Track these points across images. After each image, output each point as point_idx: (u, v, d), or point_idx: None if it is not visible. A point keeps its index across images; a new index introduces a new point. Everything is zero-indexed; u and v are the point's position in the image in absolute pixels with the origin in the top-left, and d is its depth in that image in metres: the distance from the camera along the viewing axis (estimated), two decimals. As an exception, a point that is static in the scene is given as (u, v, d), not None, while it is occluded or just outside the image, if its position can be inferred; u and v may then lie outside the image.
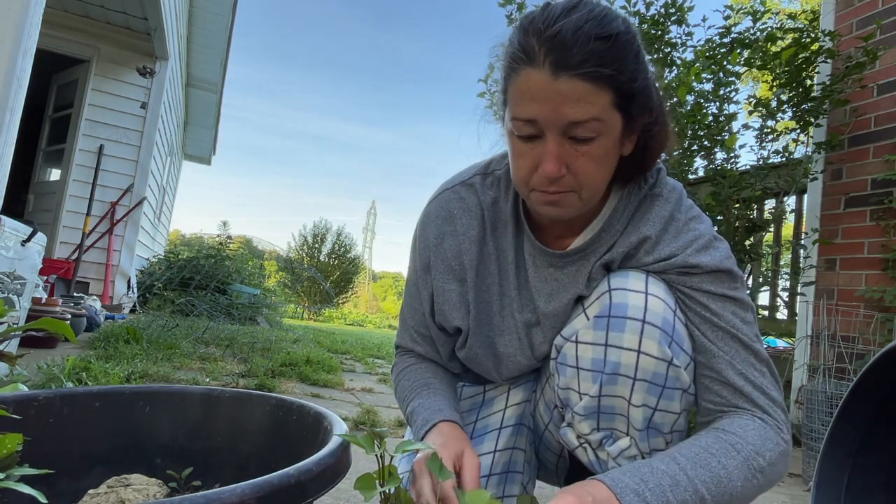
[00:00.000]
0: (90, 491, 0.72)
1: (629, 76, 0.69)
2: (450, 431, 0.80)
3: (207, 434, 0.90)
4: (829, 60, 2.88)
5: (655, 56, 3.05)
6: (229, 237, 8.52)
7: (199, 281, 6.31)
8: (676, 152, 2.89)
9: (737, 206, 2.81)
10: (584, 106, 0.67)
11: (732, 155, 2.87)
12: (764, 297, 3.33)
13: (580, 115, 0.68)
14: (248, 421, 0.90)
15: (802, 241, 2.95)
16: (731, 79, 2.81)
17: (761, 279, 3.10)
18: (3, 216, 1.99)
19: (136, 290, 5.92)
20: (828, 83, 2.82)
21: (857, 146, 2.83)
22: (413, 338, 0.99)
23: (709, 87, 2.87)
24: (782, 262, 3.67)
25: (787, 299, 3.26)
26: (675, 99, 2.74)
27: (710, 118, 2.85)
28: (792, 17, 2.89)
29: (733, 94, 2.84)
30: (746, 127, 2.90)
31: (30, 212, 5.81)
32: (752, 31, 2.87)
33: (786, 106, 2.86)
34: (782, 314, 3.32)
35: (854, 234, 2.78)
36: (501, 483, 0.93)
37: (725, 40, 2.92)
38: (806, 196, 3.11)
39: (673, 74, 3.01)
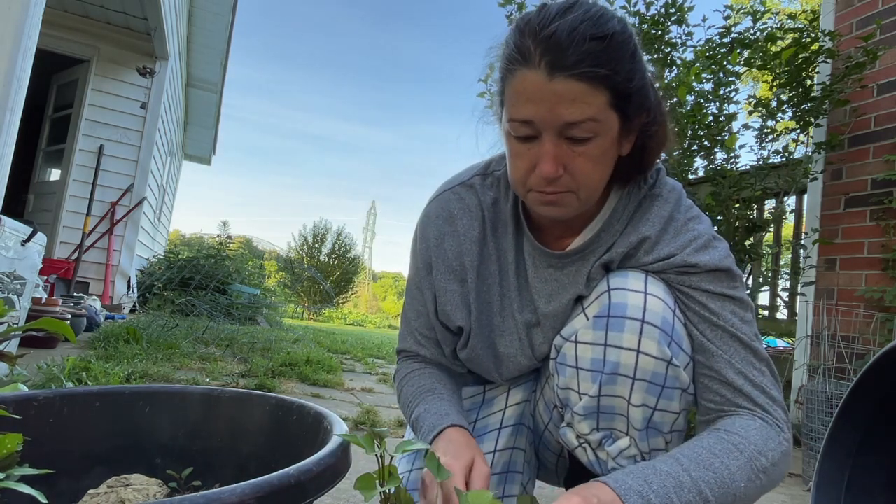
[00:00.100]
0: (90, 491, 0.73)
1: (625, 76, 0.69)
2: (458, 438, 0.78)
3: (207, 434, 0.90)
4: (829, 60, 2.88)
5: (655, 56, 3.05)
6: (229, 237, 8.52)
7: (199, 281, 6.31)
8: (676, 152, 2.89)
9: (737, 206, 2.81)
10: (579, 106, 0.67)
11: (732, 155, 2.87)
12: (764, 297, 3.33)
13: (576, 116, 0.68)
14: (248, 421, 0.90)
15: (802, 241, 2.95)
16: (731, 79, 2.81)
17: (761, 279, 3.09)
18: (3, 216, 1.99)
19: (136, 290, 5.92)
20: (828, 83, 2.82)
21: (857, 146, 2.83)
22: (417, 340, 0.97)
23: (709, 87, 2.87)
24: (782, 262, 3.67)
25: (787, 299, 3.26)
26: (675, 99, 2.74)
27: (710, 118, 2.85)
28: (792, 17, 2.89)
29: (733, 94, 2.84)
30: (746, 127, 2.90)
31: (30, 212, 5.81)
32: (752, 31, 2.87)
33: (786, 106, 2.85)
34: (782, 314, 3.32)
35: (854, 234, 2.78)
36: (501, 483, 0.93)
37: (725, 40, 2.92)
38: (806, 196, 3.11)
39: (673, 74, 3.01)
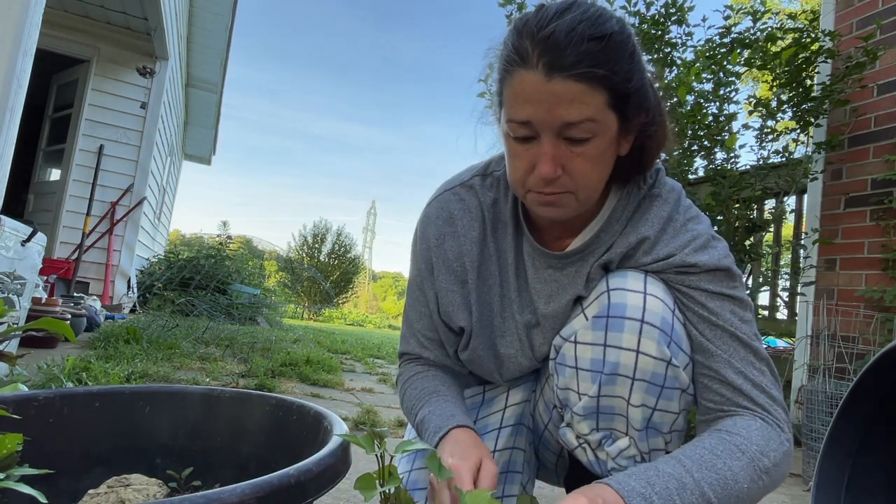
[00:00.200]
0: (90, 491, 0.73)
1: (623, 76, 0.68)
2: (465, 439, 0.77)
3: (207, 434, 0.90)
4: (829, 60, 2.88)
5: (655, 56, 3.05)
6: (229, 237, 8.53)
7: (199, 281, 6.31)
8: (676, 152, 2.89)
9: (737, 206, 2.81)
10: (578, 107, 0.67)
11: (732, 155, 2.87)
12: (764, 297, 3.33)
13: (574, 116, 0.68)
14: (248, 421, 0.90)
15: (802, 241, 2.95)
16: (731, 79, 2.81)
17: (761, 279, 3.10)
18: (3, 216, 1.99)
19: (136, 290, 5.92)
20: (828, 83, 2.82)
21: (857, 146, 2.83)
22: (420, 342, 0.96)
23: (709, 87, 2.87)
24: (782, 262, 3.67)
25: (787, 299, 3.26)
26: (675, 99, 2.74)
27: (710, 118, 2.85)
28: (792, 17, 2.89)
29: (733, 94, 2.84)
30: (746, 127, 2.90)
31: (30, 212, 5.81)
32: (752, 31, 2.87)
33: (786, 106, 2.85)
34: (782, 314, 3.32)
35: (854, 234, 2.78)
36: (501, 483, 0.93)
37: (725, 40, 2.92)
38: (806, 196, 3.11)
39: (673, 74, 3.01)
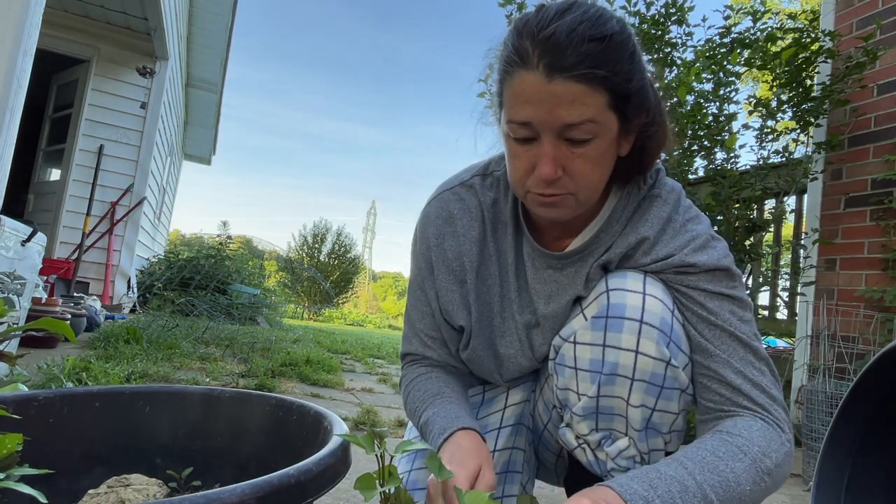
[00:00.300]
0: (90, 491, 0.73)
1: (624, 77, 0.68)
2: (468, 444, 0.76)
3: (207, 434, 0.90)
4: (829, 60, 2.88)
5: (655, 56, 3.05)
6: (229, 237, 8.53)
7: (199, 281, 6.30)
8: (676, 152, 2.89)
9: (737, 206, 2.81)
10: (578, 108, 0.67)
11: (732, 155, 2.87)
12: (764, 297, 3.33)
13: (575, 117, 0.67)
14: (248, 421, 0.90)
15: (802, 241, 2.95)
16: (731, 79, 2.81)
17: (761, 279, 3.10)
18: (3, 216, 1.99)
19: (136, 290, 5.92)
20: (828, 83, 2.81)
21: (857, 146, 2.83)
22: (423, 342, 0.96)
23: (709, 87, 2.87)
24: (782, 262, 3.67)
25: (787, 299, 3.26)
26: (675, 99, 2.74)
27: (710, 118, 2.85)
28: (792, 17, 2.89)
29: (733, 94, 2.84)
30: (746, 127, 2.90)
31: (30, 212, 5.81)
32: (752, 31, 2.87)
33: (786, 106, 2.85)
34: (782, 314, 3.32)
35: (854, 234, 2.78)
36: (501, 483, 0.93)
37: (725, 40, 2.92)
38: (806, 196, 3.10)
39: (673, 74, 3.01)
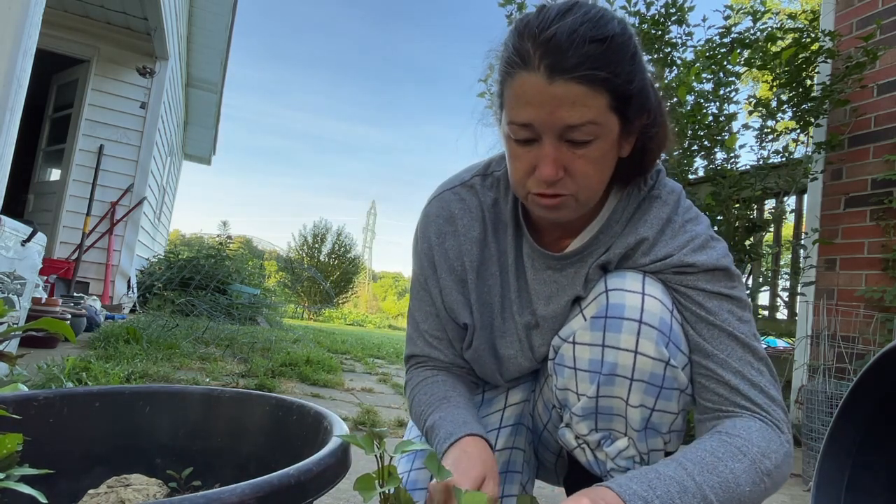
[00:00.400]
0: (90, 491, 0.73)
1: (625, 78, 0.68)
2: (474, 451, 0.75)
3: (207, 434, 0.90)
4: (829, 60, 2.88)
5: (655, 56, 3.05)
6: (229, 237, 8.53)
7: (199, 281, 6.30)
8: (676, 152, 2.89)
9: (737, 206, 2.81)
10: (579, 109, 0.67)
11: (732, 155, 2.87)
12: (764, 297, 3.33)
13: (576, 119, 0.67)
14: (248, 421, 0.90)
15: (802, 241, 2.95)
16: (731, 79, 2.82)
17: (761, 279, 3.10)
18: (3, 216, 1.99)
19: (136, 290, 5.92)
20: (828, 83, 2.81)
21: (857, 146, 2.83)
22: (428, 342, 0.95)
23: (709, 87, 2.88)
24: (782, 262, 3.67)
25: (787, 299, 3.26)
26: (675, 99, 2.74)
27: (710, 118, 2.85)
28: (792, 17, 2.89)
29: (733, 94, 2.84)
30: (746, 127, 2.90)
31: (30, 212, 5.81)
32: (752, 31, 2.87)
33: (786, 106, 2.86)
34: (782, 314, 3.32)
35: (854, 234, 2.78)
36: (500, 483, 0.93)
37: (725, 40, 2.92)
38: (806, 196, 3.10)
39: (673, 74, 3.01)
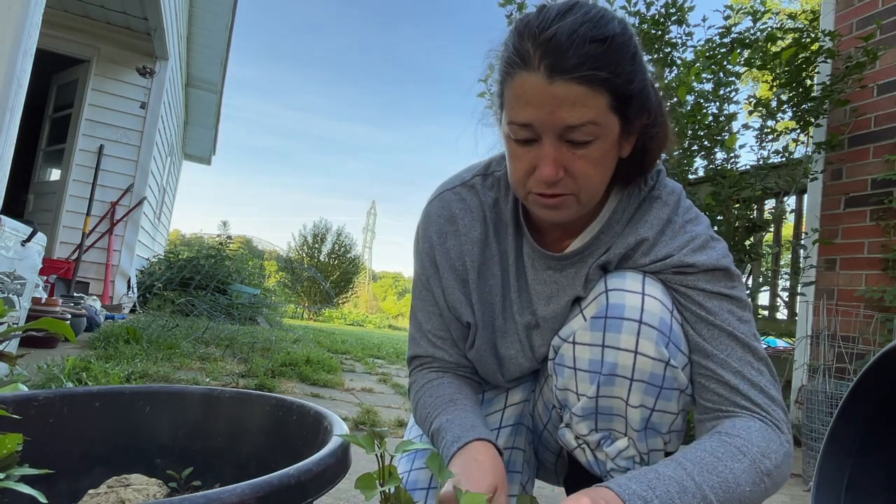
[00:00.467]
0: (90, 491, 0.73)
1: (626, 78, 0.68)
2: (484, 458, 0.74)
3: (207, 434, 0.90)
4: (829, 60, 2.88)
5: (655, 56, 3.05)
6: (229, 237, 8.54)
7: (199, 281, 6.30)
8: (676, 152, 2.89)
9: (737, 206, 2.81)
10: (580, 109, 0.67)
11: (732, 155, 2.87)
12: (764, 297, 3.33)
13: (576, 119, 0.67)
14: (248, 421, 0.90)
15: (802, 241, 2.95)
16: (731, 79, 2.82)
17: (761, 279, 3.10)
18: (3, 216, 1.99)
19: (136, 290, 5.92)
20: (828, 83, 2.81)
21: (857, 146, 2.83)
22: (432, 342, 0.94)
23: (709, 87, 2.88)
24: (782, 262, 3.67)
25: (787, 299, 3.26)
26: (675, 99, 2.74)
27: (710, 118, 2.85)
28: (792, 17, 2.89)
29: (733, 94, 2.84)
30: (746, 127, 2.90)
31: (30, 212, 5.81)
32: (752, 31, 2.87)
33: (786, 106, 2.86)
34: (782, 314, 3.32)
35: (854, 234, 2.78)
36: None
37: (725, 40, 2.92)
38: (806, 196, 3.10)
39: (673, 74, 3.01)
